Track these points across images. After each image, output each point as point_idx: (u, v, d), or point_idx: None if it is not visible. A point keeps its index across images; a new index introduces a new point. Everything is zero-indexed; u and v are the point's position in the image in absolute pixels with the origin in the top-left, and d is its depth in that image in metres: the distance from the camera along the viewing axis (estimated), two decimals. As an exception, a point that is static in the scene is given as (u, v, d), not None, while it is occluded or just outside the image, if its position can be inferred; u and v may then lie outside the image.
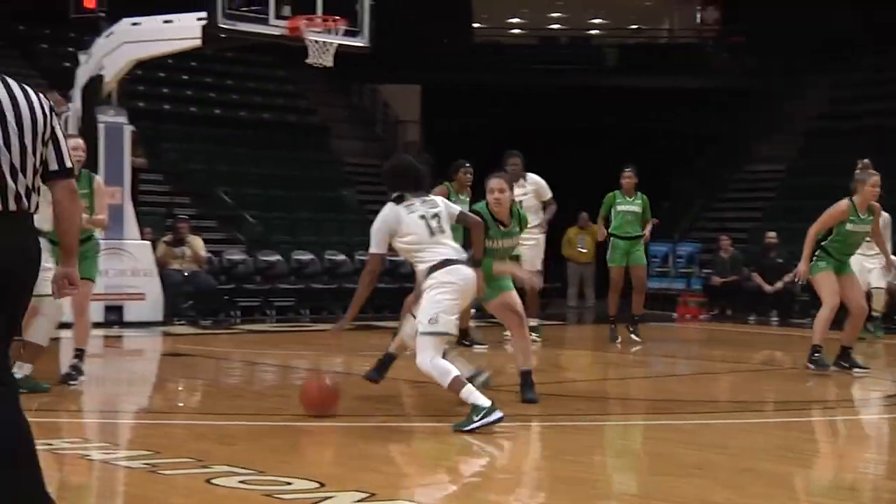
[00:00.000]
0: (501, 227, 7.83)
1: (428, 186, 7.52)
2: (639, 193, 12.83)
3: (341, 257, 17.88)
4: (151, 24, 13.61)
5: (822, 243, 9.89)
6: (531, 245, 11.75)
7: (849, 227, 9.84)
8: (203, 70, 23.03)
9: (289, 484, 5.30)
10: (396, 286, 17.69)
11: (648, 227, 12.92)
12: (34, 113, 4.17)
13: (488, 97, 26.39)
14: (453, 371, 6.86)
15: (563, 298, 20.39)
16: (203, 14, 12.81)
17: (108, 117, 13.99)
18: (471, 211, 7.88)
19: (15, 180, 4.03)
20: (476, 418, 6.62)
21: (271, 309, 16.67)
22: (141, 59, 14.12)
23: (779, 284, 17.04)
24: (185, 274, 15.21)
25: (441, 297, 6.91)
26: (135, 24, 13.75)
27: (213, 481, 5.27)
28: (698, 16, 29.77)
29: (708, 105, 25.10)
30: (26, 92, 4.21)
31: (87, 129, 13.98)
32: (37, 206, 4.17)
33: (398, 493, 5.38)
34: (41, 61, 21.05)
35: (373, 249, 7.13)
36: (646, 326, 13.57)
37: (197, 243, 15.67)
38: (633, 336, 12.86)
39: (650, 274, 20.37)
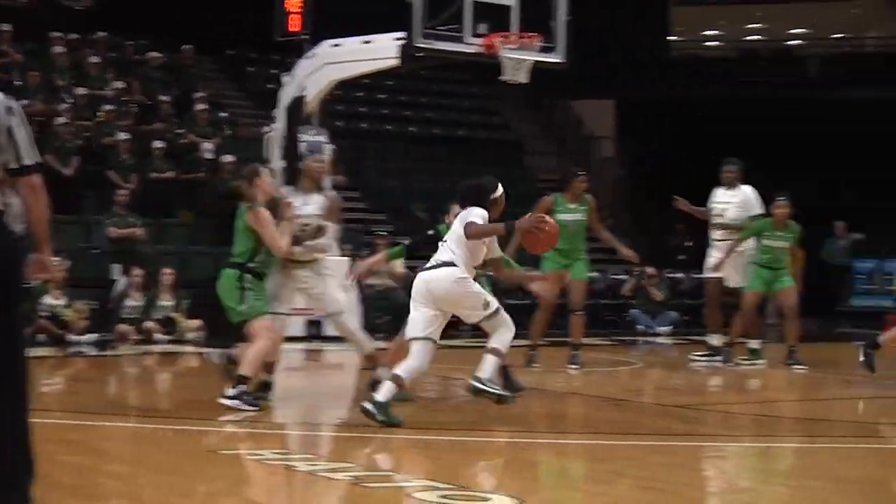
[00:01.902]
0: None
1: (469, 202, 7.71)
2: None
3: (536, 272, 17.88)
4: (351, 46, 13.91)
5: None
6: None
7: None
8: (399, 89, 23.45)
9: (488, 500, 5.30)
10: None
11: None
12: None
13: (685, 112, 25.95)
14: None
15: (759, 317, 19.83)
16: (401, 34, 13.01)
17: (310, 137, 14.36)
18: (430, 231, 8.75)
19: None
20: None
21: (466, 324, 16.70)
22: (341, 79, 14.45)
23: None
24: (380, 290, 15.46)
25: None
26: (335, 45, 14.09)
27: (415, 495, 5.31)
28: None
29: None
30: None
31: (290, 149, 14.43)
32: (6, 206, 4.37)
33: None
34: (248, 84, 21.84)
35: None
36: (851, 347, 12.97)
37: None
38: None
39: (858, 291, 19.76)
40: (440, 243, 7.72)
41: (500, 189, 7.78)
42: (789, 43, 30.97)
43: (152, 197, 16.38)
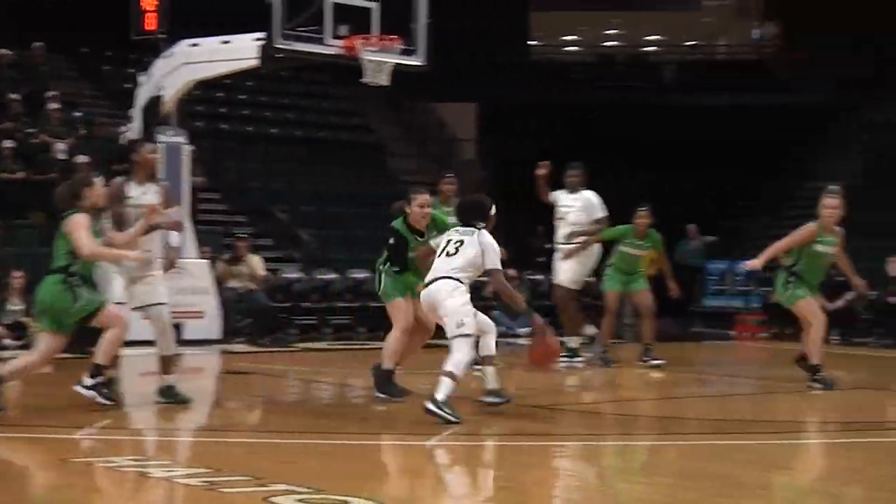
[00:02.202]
0: (419, 238, 8.88)
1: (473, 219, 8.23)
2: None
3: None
4: (210, 45, 13.73)
5: (794, 268, 10.04)
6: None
7: (817, 248, 10.05)
8: (260, 89, 23.21)
9: (346, 503, 5.28)
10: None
11: None
12: None
13: (545, 115, 26.36)
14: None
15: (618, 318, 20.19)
16: (260, 34, 12.88)
17: (168, 137, 14.12)
18: (392, 230, 8.92)
19: None
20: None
21: (328, 327, 16.69)
22: (200, 79, 14.25)
23: (839, 302, 16.78)
24: (241, 293, 15.27)
25: None
26: (194, 45, 13.88)
27: (272, 499, 5.26)
28: (757, 32, 29.57)
29: (769, 122, 24.86)
30: None
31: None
32: None
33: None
34: (104, 83, 21.33)
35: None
36: (703, 346, 13.40)
37: (255, 262, 15.75)
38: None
39: (710, 291, 20.32)
40: (445, 256, 8.03)
41: (494, 208, 8.28)
42: (645, 49, 31.76)
43: (2, 198, 15.86)
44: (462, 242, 8.05)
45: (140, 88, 14.60)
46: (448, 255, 8.04)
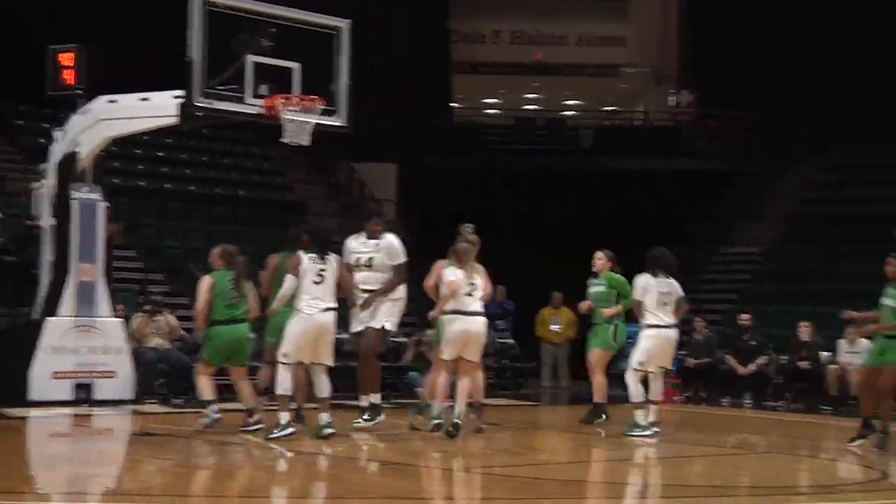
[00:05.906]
0: None
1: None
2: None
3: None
4: (128, 102, 13.60)
5: None
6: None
7: None
8: (179, 146, 23.06)
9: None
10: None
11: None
12: None
13: (464, 177, 26.53)
14: None
15: (537, 378, 20.27)
16: (179, 92, 12.81)
17: (83, 194, 13.93)
18: None
19: None
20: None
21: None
22: (117, 136, 14.11)
23: (752, 367, 17.02)
24: (160, 351, 15.01)
25: None
26: (111, 101, 13.75)
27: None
28: (673, 99, 30.19)
29: (683, 187, 25.32)
30: None
31: (61, 206, 13.94)
32: None
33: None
34: (17, 138, 21.03)
35: None
36: (619, 408, 13.43)
37: (172, 319, 15.53)
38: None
39: (625, 354, 20.45)
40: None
41: None
42: (565, 114, 32.26)
43: None
44: None
45: (55, 145, 14.39)
46: None
